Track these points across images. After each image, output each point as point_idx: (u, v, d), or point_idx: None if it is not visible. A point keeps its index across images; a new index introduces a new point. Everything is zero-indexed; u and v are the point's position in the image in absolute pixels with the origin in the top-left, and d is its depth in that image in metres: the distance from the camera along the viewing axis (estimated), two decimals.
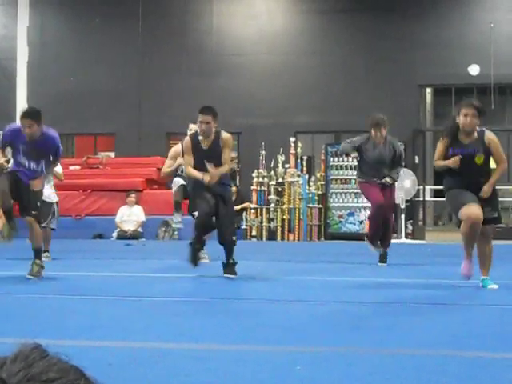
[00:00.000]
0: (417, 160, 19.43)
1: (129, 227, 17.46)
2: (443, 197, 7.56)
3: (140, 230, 17.52)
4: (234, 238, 8.23)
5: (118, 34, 21.06)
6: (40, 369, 1.02)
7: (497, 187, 7.28)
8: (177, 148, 10.51)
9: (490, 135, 7.14)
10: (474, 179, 7.00)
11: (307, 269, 9.69)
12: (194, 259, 8.29)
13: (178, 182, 10.27)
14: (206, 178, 8.01)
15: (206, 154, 8.12)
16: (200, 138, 8.18)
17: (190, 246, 8.31)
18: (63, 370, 1.04)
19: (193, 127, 10.09)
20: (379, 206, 9.63)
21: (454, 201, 7.02)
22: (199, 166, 8.23)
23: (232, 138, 8.49)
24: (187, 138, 8.44)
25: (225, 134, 8.23)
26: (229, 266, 8.14)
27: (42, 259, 9.93)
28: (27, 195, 8.02)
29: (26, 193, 8.00)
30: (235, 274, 8.08)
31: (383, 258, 10.04)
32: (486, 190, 6.99)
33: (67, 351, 1.11)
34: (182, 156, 9.37)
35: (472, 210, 6.76)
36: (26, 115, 7.96)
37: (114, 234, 17.54)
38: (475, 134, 7.08)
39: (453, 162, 6.97)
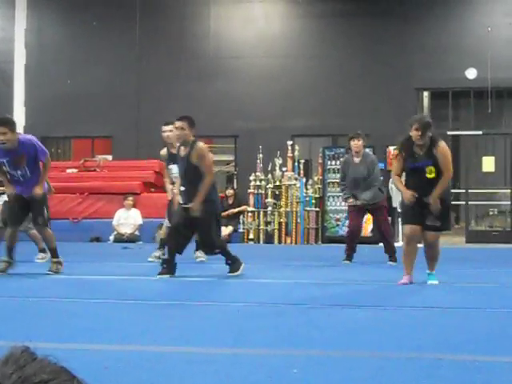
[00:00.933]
0: None
1: (126, 230, 17.44)
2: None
3: (137, 233, 17.51)
4: (217, 250, 8.56)
5: (116, 37, 21.06)
6: (32, 370, 1.03)
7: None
8: (163, 151, 10.71)
9: (440, 146, 7.67)
10: (425, 191, 7.51)
11: (303, 272, 9.69)
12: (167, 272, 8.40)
13: None
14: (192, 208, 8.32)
15: (182, 162, 8.46)
16: (182, 147, 8.46)
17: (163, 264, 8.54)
18: (55, 371, 1.04)
19: (165, 129, 10.32)
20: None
21: (404, 212, 8.10)
22: (179, 172, 8.71)
23: (205, 149, 8.60)
24: (163, 150, 8.99)
25: (198, 145, 8.40)
26: (230, 266, 8.49)
27: (37, 260, 10.19)
28: (31, 206, 8.33)
29: (28, 205, 8.31)
30: (234, 271, 8.40)
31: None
32: (432, 200, 7.50)
33: (63, 354, 1.12)
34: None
35: (407, 229, 7.79)
36: None
37: (111, 237, 17.52)
38: (426, 146, 7.62)
39: (407, 197, 7.58)
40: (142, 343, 4.24)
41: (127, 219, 17.51)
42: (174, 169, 10.02)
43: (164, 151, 10.55)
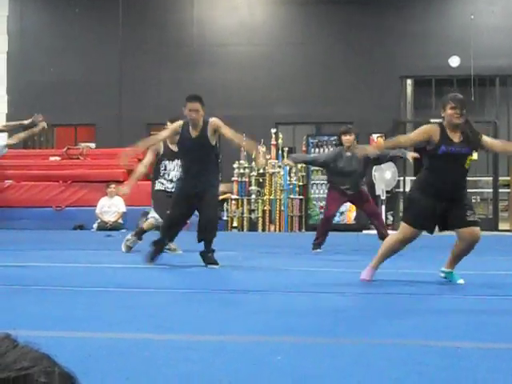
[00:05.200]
0: None
1: (109, 218, 17.40)
2: None
3: (120, 221, 17.47)
4: (214, 236, 8.33)
5: (98, 24, 20.94)
6: (13, 358, 1.02)
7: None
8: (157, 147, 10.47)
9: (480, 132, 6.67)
10: (456, 181, 6.57)
11: (288, 259, 9.70)
12: (152, 258, 8.41)
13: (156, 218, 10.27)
14: None
15: (194, 143, 8.14)
16: (190, 128, 8.19)
17: (152, 246, 8.46)
18: (36, 358, 1.04)
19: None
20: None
21: (414, 212, 6.64)
22: (184, 157, 8.36)
23: (218, 120, 8.31)
24: (179, 123, 8.41)
25: (211, 119, 8.24)
26: (208, 257, 8.22)
27: None
28: None
29: None
30: (216, 263, 8.17)
31: None
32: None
33: (46, 342, 1.11)
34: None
35: (414, 233, 6.65)
36: None
37: (95, 225, 17.48)
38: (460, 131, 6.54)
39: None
40: (125, 331, 4.24)
41: (110, 207, 17.47)
42: (169, 165, 10.13)
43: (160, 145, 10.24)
